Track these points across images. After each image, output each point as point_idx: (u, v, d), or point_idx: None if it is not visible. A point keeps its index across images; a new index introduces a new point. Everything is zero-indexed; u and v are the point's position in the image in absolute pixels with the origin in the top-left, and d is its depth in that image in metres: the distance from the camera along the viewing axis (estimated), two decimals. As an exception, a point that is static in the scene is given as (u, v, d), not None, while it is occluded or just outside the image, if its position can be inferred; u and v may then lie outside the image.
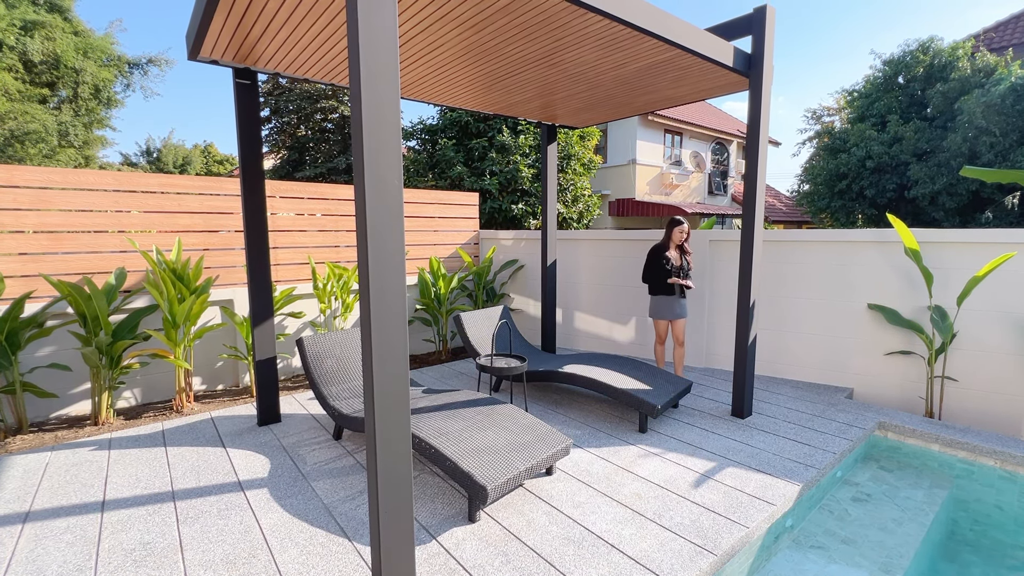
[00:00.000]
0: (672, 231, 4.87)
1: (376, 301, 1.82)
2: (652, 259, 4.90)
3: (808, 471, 3.26)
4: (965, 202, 7.98)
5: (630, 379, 4.17)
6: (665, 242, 4.92)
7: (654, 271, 4.87)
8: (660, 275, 4.83)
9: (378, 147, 1.77)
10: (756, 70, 3.81)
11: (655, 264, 4.87)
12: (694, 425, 3.99)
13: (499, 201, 10.33)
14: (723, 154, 20.69)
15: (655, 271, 4.86)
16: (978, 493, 3.60)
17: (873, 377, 4.76)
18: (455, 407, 3.41)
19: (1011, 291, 4.08)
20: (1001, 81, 7.62)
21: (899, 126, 8.95)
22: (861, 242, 4.75)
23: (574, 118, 5.46)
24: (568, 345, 6.64)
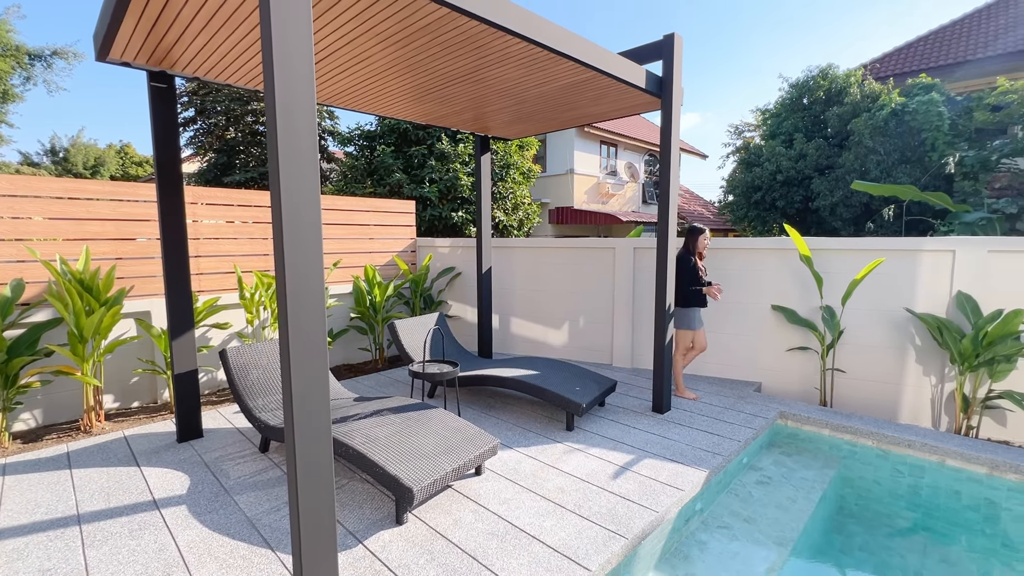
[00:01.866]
0: (697, 239, 4.74)
1: (294, 309, 1.87)
2: (688, 268, 4.65)
3: (715, 458, 3.57)
4: (858, 212, 8.95)
5: (558, 380, 4.36)
6: (691, 251, 4.75)
7: (692, 282, 4.66)
8: (696, 285, 4.67)
9: (293, 156, 1.82)
10: (667, 92, 4.14)
11: (693, 275, 4.66)
12: (617, 421, 4.24)
13: (439, 208, 10.38)
14: (655, 165, 21.79)
15: (693, 282, 4.66)
16: (860, 471, 4.07)
17: (778, 371, 5.25)
18: (386, 414, 3.45)
19: (882, 292, 4.66)
20: (884, 107, 8.64)
21: (803, 144, 9.90)
22: (764, 249, 5.25)
23: (506, 130, 5.65)
24: (505, 350, 6.79)
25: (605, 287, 6.11)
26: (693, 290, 4.66)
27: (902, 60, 12.42)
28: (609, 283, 6.07)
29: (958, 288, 4.39)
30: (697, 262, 4.71)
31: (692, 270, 4.66)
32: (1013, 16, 11.96)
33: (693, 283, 4.66)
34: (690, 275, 4.65)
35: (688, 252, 4.75)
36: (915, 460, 3.93)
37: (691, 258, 4.70)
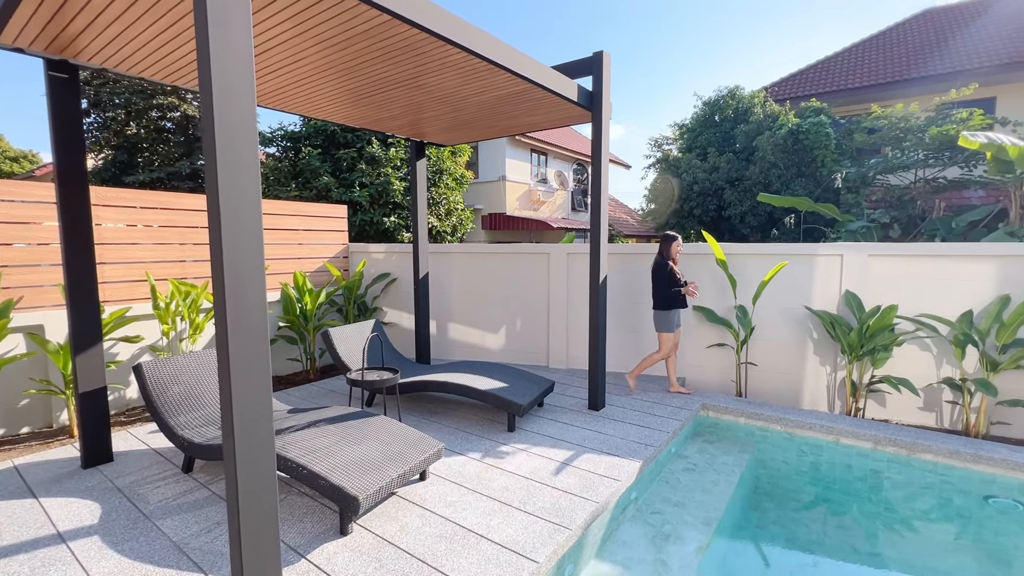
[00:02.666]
0: (670, 246, 5.00)
1: (234, 318, 1.80)
2: (666, 273, 4.93)
3: (647, 450, 3.81)
4: (764, 221, 9.90)
5: (498, 382, 4.44)
6: (666, 256, 5.01)
7: (670, 284, 4.93)
8: (676, 286, 4.92)
9: (233, 158, 1.77)
10: (597, 105, 4.39)
11: (671, 278, 4.93)
12: (556, 420, 4.40)
13: (370, 213, 10.14)
14: (583, 174, 22.66)
15: (671, 284, 4.92)
16: (771, 453, 4.51)
17: (699, 367, 5.68)
18: (325, 424, 3.35)
19: (786, 292, 5.20)
20: (783, 126, 9.65)
21: (716, 157, 10.79)
22: (686, 255, 5.67)
23: (442, 136, 5.68)
24: (443, 356, 6.78)
25: (541, 291, 6.29)
26: (674, 291, 4.92)
27: (795, 85, 13.91)
28: (544, 287, 6.27)
29: (846, 287, 5.01)
30: (673, 266, 4.98)
31: (670, 274, 4.94)
32: (883, 52, 13.80)
33: (673, 285, 4.93)
34: (669, 279, 4.93)
35: (663, 258, 5.01)
36: (816, 440, 4.43)
37: (667, 263, 4.97)
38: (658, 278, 4.98)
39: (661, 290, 4.95)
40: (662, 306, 4.97)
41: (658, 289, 4.98)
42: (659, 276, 4.97)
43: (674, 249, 5.02)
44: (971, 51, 12.29)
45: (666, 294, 4.93)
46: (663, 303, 4.96)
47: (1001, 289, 4.48)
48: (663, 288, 4.94)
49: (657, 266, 5.02)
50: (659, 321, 5.01)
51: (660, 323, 5.00)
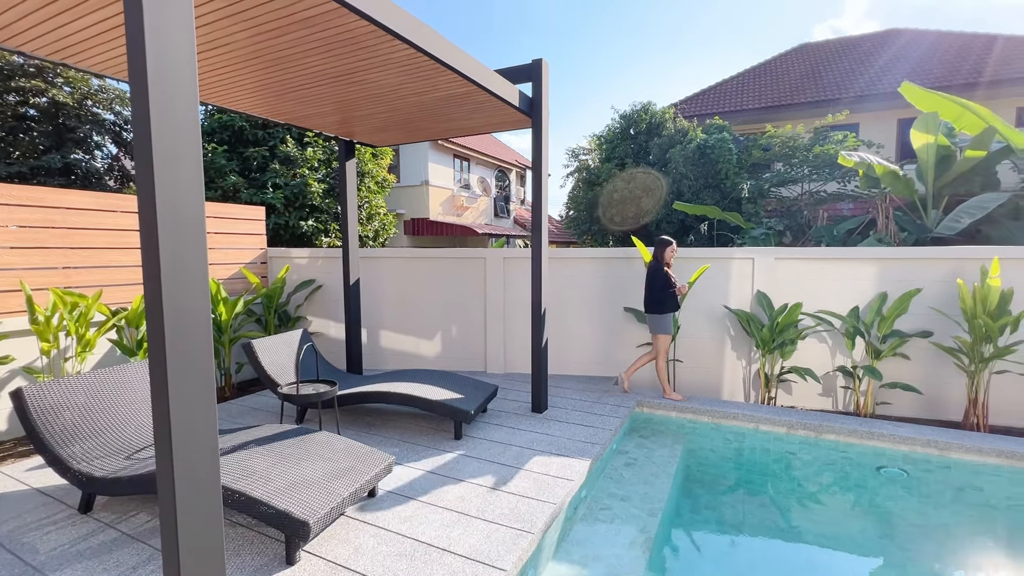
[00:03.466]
0: (665, 250, 5.08)
1: (174, 325, 1.58)
2: (662, 277, 5.01)
3: (594, 448, 3.91)
4: (677, 228, 10.65)
5: (443, 390, 4.33)
6: (660, 260, 5.08)
7: (665, 287, 5.00)
8: (671, 291, 5.00)
9: (171, 152, 1.55)
10: (537, 112, 4.46)
11: (667, 281, 5.01)
12: (503, 425, 4.37)
13: (285, 217, 9.48)
14: (505, 181, 22.97)
15: (666, 287, 5.00)
16: (700, 443, 4.82)
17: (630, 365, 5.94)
18: (258, 444, 3.05)
19: (706, 293, 5.61)
20: (692, 141, 10.48)
21: (633, 168, 11.43)
22: (616, 258, 5.93)
23: (373, 136, 5.46)
24: (375, 365, 6.48)
25: (477, 296, 6.25)
26: (670, 292, 5.01)
27: (700, 104, 15.19)
28: (481, 292, 6.23)
29: (758, 288, 5.52)
30: (667, 270, 5.08)
31: (666, 277, 5.04)
32: (771, 79, 15.50)
33: (667, 287, 5.02)
34: (664, 281, 5.02)
35: (658, 262, 5.11)
36: (738, 428, 4.81)
37: (663, 267, 5.08)
38: (653, 281, 5.07)
39: (656, 293, 5.04)
40: (657, 309, 5.05)
41: (653, 292, 5.06)
42: (655, 279, 5.06)
43: (668, 253, 5.10)
44: (840, 83, 14.20)
45: (661, 297, 5.02)
46: (658, 306, 5.05)
47: (880, 287, 5.18)
48: (657, 291, 5.03)
49: (652, 270, 5.11)
50: (656, 323, 5.08)
51: (658, 325, 5.08)
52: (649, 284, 5.13)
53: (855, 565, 3.34)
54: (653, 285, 5.08)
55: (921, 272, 5.06)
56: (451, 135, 5.31)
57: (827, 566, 3.31)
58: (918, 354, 5.06)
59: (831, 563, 3.34)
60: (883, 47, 15.33)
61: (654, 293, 5.07)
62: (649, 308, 5.14)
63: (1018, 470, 3.88)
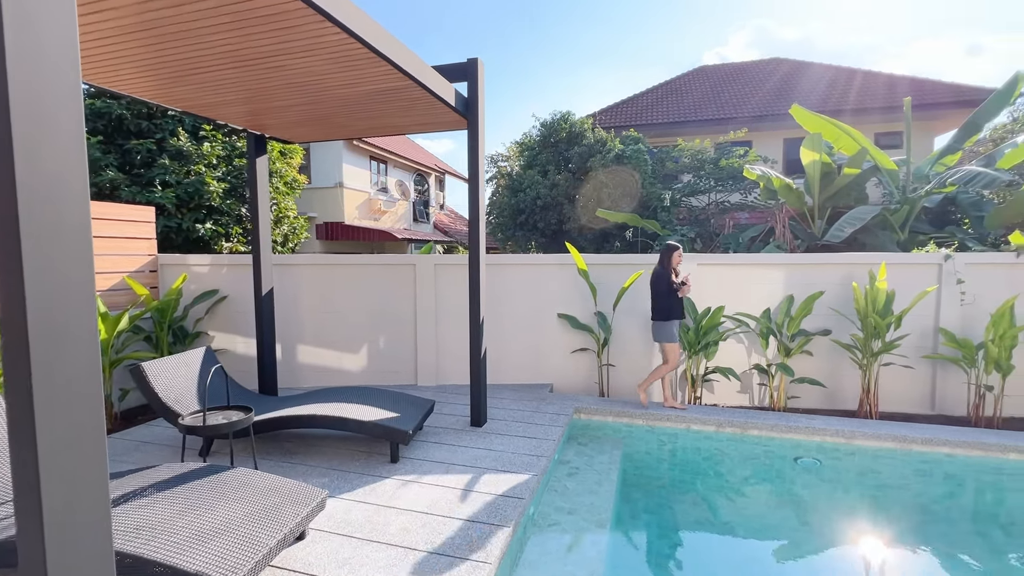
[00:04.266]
0: (672, 256, 4.94)
1: (43, 355, 1.19)
2: (667, 283, 4.88)
3: (540, 461, 3.79)
4: (598, 234, 10.99)
5: (375, 409, 3.98)
6: (667, 267, 4.94)
7: (674, 295, 4.87)
8: (677, 298, 4.87)
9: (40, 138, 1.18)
10: (473, 113, 4.28)
11: (672, 289, 4.87)
12: (442, 443, 4.11)
13: (177, 219, 8.41)
14: (424, 185, 22.44)
15: (674, 295, 4.87)
16: (637, 446, 4.89)
17: (565, 371, 5.94)
18: (158, 489, 2.54)
19: (636, 298, 5.74)
20: (611, 151, 10.89)
21: (556, 175, 11.64)
22: (550, 264, 5.90)
23: (289, 131, 4.96)
24: (293, 384, 5.88)
25: (407, 305, 5.91)
26: (676, 299, 4.90)
27: (615, 116, 15.91)
28: (411, 301, 5.90)
29: (682, 292, 5.76)
30: (673, 277, 4.96)
31: (671, 284, 4.92)
32: (677, 96, 16.63)
33: (673, 293, 4.89)
34: (670, 288, 4.90)
35: (664, 268, 4.97)
36: (671, 430, 4.95)
37: (668, 273, 4.94)
38: (659, 288, 4.93)
39: (662, 300, 4.90)
40: (663, 316, 4.91)
41: (659, 299, 4.92)
42: (660, 286, 4.92)
43: (675, 259, 4.99)
44: (735, 103, 15.58)
45: (668, 304, 4.90)
46: (664, 314, 4.91)
47: (787, 290, 5.63)
48: (664, 298, 4.89)
49: (657, 276, 4.98)
50: (662, 332, 4.94)
51: (663, 334, 4.94)
52: (655, 291, 4.99)
53: (783, 553, 3.52)
54: (659, 292, 4.94)
55: (821, 276, 5.57)
56: (378, 134, 4.97)
57: (759, 557, 3.47)
58: (820, 350, 5.56)
59: (761, 554, 3.50)
60: (769, 74, 17.10)
61: (660, 300, 4.93)
62: (654, 315, 5.00)
63: (910, 452, 4.36)
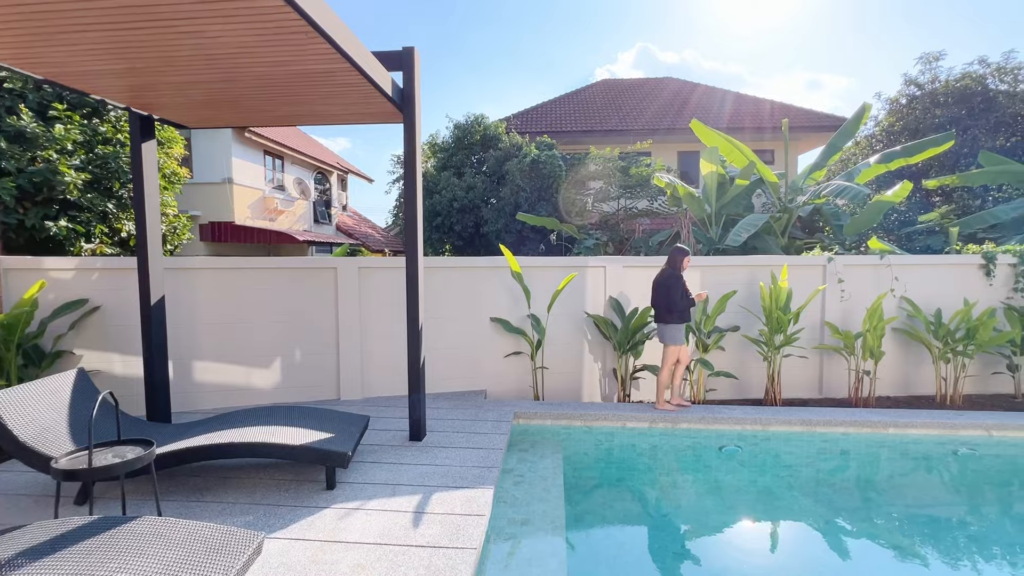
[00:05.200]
0: (683, 259, 5.03)
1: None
2: (682, 286, 4.94)
3: (491, 472, 3.61)
4: (515, 238, 11.04)
5: (305, 430, 3.53)
6: (676, 269, 5.00)
7: (684, 296, 4.92)
8: (691, 301, 4.95)
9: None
10: (409, 106, 4.00)
11: (686, 291, 4.94)
12: (381, 462, 3.76)
13: (18, 215, 6.93)
14: (326, 184, 21.02)
15: (687, 297, 4.93)
16: (577, 447, 4.91)
17: (499, 376, 5.81)
18: (30, 559, 1.97)
19: (567, 300, 5.81)
20: (527, 155, 11.02)
21: (472, 177, 11.51)
22: (483, 267, 5.75)
23: (185, 114, 4.27)
24: (188, 408, 5.07)
25: (327, 312, 5.39)
26: (690, 302, 4.97)
27: (526, 121, 16.17)
28: (332, 307, 5.39)
29: (610, 294, 5.93)
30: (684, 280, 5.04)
31: (685, 287, 4.98)
32: (583, 106, 17.36)
33: (686, 297, 4.95)
34: (684, 290, 4.96)
35: (676, 269, 5.01)
36: (608, 428, 5.04)
37: (682, 276, 4.99)
38: (674, 291, 4.94)
39: (677, 303, 4.93)
40: (676, 319, 4.96)
41: (674, 302, 4.93)
42: (675, 289, 4.94)
43: (686, 262, 5.08)
44: (635, 115, 16.65)
45: (682, 307, 4.94)
46: (678, 316, 4.96)
47: (703, 289, 6.04)
48: (679, 301, 4.93)
49: (673, 279, 4.98)
50: (672, 334, 4.99)
51: (673, 335, 4.99)
52: (666, 294, 5.00)
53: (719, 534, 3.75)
54: (672, 295, 4.96)
55: (730, 276, 6.06)
56: (298, 122, 4.47)
57: (700, 541, 3.64)
58: (730, 345, 6.04)
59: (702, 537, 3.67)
60: (660, 90, 18.56)
61: (674, 303, 4.95)
62: (667, 319, 5.01)
63: (814, 433, 4.86)
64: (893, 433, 4.77)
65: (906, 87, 13.88)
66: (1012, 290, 6.20)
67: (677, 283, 4.99)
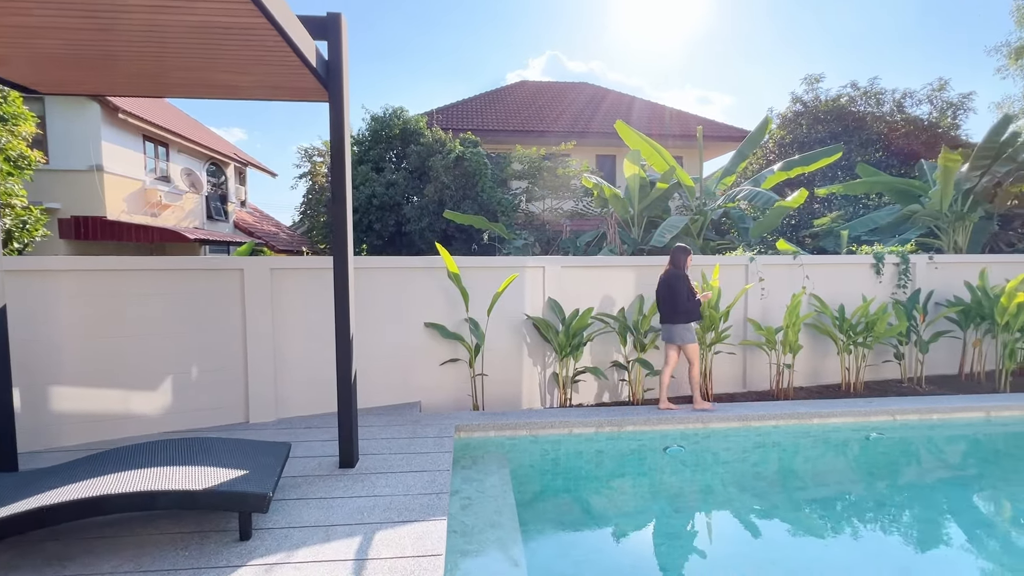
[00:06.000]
0: (688, 258, 5.13)
1: None
2: (688, 286, 4.99)
3: (440, 499, 3.20)
4: (439, 237, 10.54)
5: (209, 468, 2.87)
6: (680, 268, 5.06)
7: (690, 296, 4.96)
8: (696, 300, 4.98)
9: None
10: (336, 80, 3.45)
11: (691, 290, 5.00)
12: (308, 498, 3.19)
13: None
14: (221, 177, 18.86)
15: (691, 296, 4.97)
16: (523, 459, 4.61)
17: (434, 387, 5.36)
18: None
19: (506, 302, 5.50)
20: (452, 152, 10.58)
21: (393, 173, 10.83)
22: (416, 268, 5.27)
23: (34, 73, 3.36)
24: (44, 445, 4.03)
25: (232, 321, 4.60)
26: (697, 301, 5.00)
27: (449, 117, 15.68)
28: (238, 315, 4.61)
29: (549, 295, 5.72)
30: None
31: (691, 286, 5.05)
32: (504, 105, 17.22)
33: (692, 296, 4.99)
34: (691, 290, 5.03)
35: (681, 269, 5.07)
36: (555, 437, 4.81)
37: (686, 276, 5.05)
38: (679, 291, 4.97)
39: (683, 303, 4.96)
40: (684, 319, 5.01)
41: (679, 302, 4.97)
42: (680, 289, 4.97)
43: (688, 260, 5.14)
44: (554, 118, 16.83)
45: (690, 306, 4.97)
46: (685, 315, 5.00)
47: (637, 290, 6.05)
48: (685, 301, 4.96)
49: (678, 279, 5.02)
50: (683, 333, 5.03)
51: (683, 335, 5.03)
52: (673, 294, 5.02)
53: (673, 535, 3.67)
54: (678, 295, 4.99)
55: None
56: (193, 93, 3.71)
57: (657, 544, 3.53)
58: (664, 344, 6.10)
59: (658, 541, 3.56)
60: (576, 94, 18.99)
61: (681, 303, 4.99)
62: (674, 319, 5.04)
63: (749, 428, 5.00)
64: (817, 423, 5.05)
65: (793, 104, 15.41)
66: (896, 286, 6.93)
67: (682, 282, 5.06)
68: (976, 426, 5.21)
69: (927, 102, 14.35)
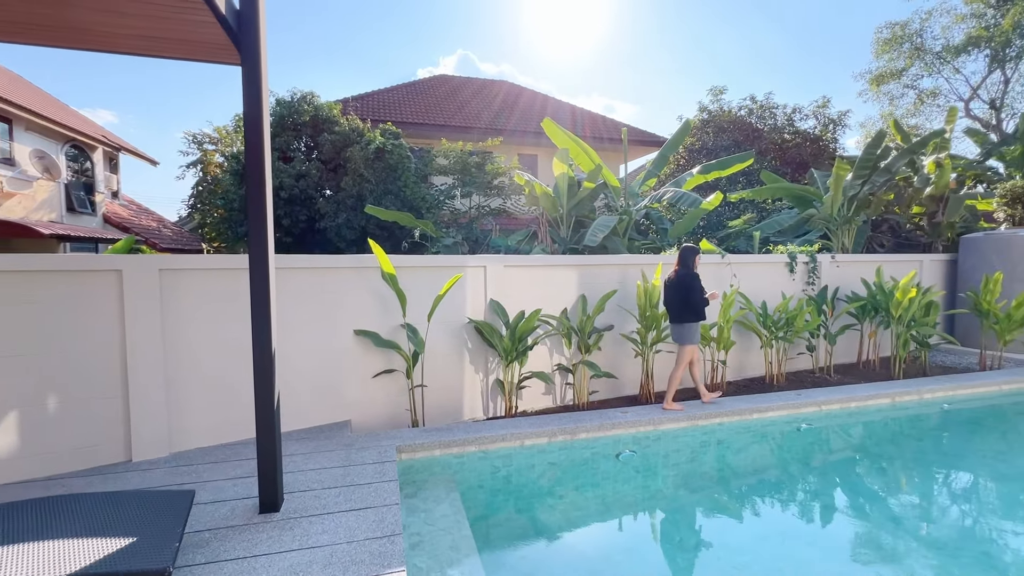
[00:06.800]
0: (697, 257, 5.17)
1: None
2: (700, 285, 5.04)
3: (394, 542, 2.69)
4: (359, 235, 9.69)
5: (79, 540, 2.13)
6: (692, 268, 5.10)
7: (702, 295, 5.02)
8: (705, 300, 5.02)
9: None
10: (250, 36, 2.80)
11: (703, 289, 5.05)
12: (221, 560, 2.52)
13: None
14: (84, 162, 16.05)
15: (703, 294, 5.02)
16: (473, 480, 4.19)
17: (366, 402, 4.75)
18: None
19: (445, 305, 5.03)
20: (371, 143, 9.77)
21: (303, 164, 9.76)
22: (344, 268, 4.63)
23: None
24: None
25: (106, 336, 3.66)
26: (706, 300, 5.03)
27: (365, 107, 14.62)
28: (114, 328, 3.68)
29: (491, 296, 5.34)
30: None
31: (702, 285, 5.07)
32: (423, 97, 16.48)
33: (703, 295, 5.02)
34: (702, 290, 5.04)
35: (691, 269, 5.09)
36: (505, 450, 4.44)
37: (697, 275, 5.08)
38: (692, 291, 4.99)
39: (697, 303, 5.00)
40: (694, 318, 5.06)
41: (694, 302, 5.00)
42: (693, 288, 5.00)
43: (698, 260, 5.18)
44: (475, 114, 16.43)
45: (701, 307, 5.02)
46: (696, 315, 5.05)
47: (580, 290, 5.87)
48: (697, 301, 4.99)
49: (691, 278, 5.05)
50: (689, 333, 5.09)
51: (690, 335, 5.10)
52: (686, 294, 5.04)
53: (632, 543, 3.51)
54: (691, 295, 5.02)
55: (603, 276, 6.01)
56: (58, 40, 2.81)
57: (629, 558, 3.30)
58: (606, 345, 5.99)
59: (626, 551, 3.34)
60: (493, 90, 18.76)
61: (694, 303, 5.03)
62: (685, 318, 5.09)
63: (697, 427, 4.99)
64: (756, 418, 5.18)
65: (700, 113, 16.40)
66: (806, 283, 7.46)
67: (695, 283, 5.09)
68: (885, 411, 5.68)
69: (813, 117, 15.98)
